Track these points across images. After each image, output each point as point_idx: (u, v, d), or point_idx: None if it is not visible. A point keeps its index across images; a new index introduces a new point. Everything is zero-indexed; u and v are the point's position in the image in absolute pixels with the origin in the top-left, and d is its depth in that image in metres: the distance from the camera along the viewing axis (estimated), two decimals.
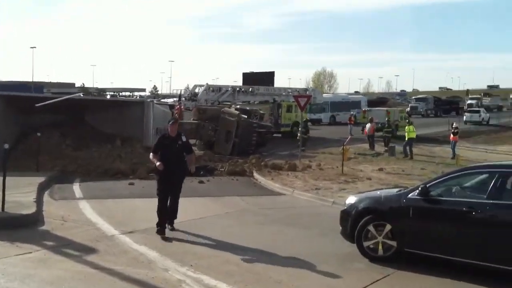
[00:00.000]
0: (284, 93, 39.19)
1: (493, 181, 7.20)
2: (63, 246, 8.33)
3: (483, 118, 53.04)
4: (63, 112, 22.20)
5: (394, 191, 8.58)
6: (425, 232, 7.59)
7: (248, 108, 29.86)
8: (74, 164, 17.68)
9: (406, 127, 26.19)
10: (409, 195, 7.83)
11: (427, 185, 7.75)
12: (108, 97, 68.36)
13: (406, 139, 25.79)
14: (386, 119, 32.29)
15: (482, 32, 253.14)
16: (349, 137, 26.56)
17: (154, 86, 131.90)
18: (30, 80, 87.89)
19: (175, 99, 37.37)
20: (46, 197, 12.71)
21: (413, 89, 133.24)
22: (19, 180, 12.99)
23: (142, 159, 19.32)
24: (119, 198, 12.96)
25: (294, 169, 18.89)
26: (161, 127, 23.97)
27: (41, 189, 13.12)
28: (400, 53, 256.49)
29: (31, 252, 7.94)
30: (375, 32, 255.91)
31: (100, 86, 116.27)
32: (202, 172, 16.90)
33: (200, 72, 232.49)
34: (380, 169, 19.61)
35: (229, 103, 32.48)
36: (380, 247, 7.87)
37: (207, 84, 34.62)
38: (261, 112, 30.08)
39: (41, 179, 14.29)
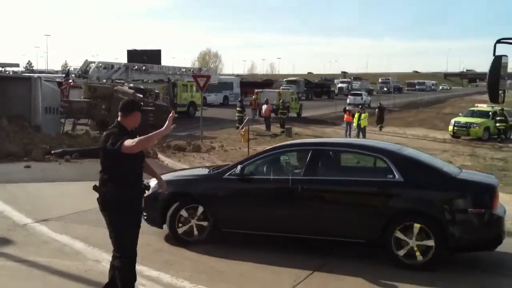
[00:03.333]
0: (178, 72, 38.47)
1: (308, 158, 7.45)
2: None
3: (365, 101, 55.80)
4: None
5: (205, 171, 8.45)
6: (242, 210, 7.58)
7: (142, 87, 28.82)
8: None
9: (362, 115, 26.61)
10: (225, 175, 7.67)
11: (244, 164, 7.66)
12: None
13: (362, 126, 26.47)
14: (280, 100, 32.76)
15: (360, 17, 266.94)
16: (247, 118, 26.60)
17: (29, 61, 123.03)
18: None
19: (62, 75, 35.12)
20: None
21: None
22: None
23: (33, 139, 18.00)
24: (19, 182, 11.85)
25: (198, 150, 18.55)
26: (50, 106, 22.41)
27: None
28: (283, 35, 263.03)
29: None
30: (258, 14, 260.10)
31: None
32: None
33: (79, 48, 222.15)
34: None
35: (122, 81, 31.16)
36: (195, 230, 7.63)
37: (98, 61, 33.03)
38: (156, 91, 29.15)
39: None
